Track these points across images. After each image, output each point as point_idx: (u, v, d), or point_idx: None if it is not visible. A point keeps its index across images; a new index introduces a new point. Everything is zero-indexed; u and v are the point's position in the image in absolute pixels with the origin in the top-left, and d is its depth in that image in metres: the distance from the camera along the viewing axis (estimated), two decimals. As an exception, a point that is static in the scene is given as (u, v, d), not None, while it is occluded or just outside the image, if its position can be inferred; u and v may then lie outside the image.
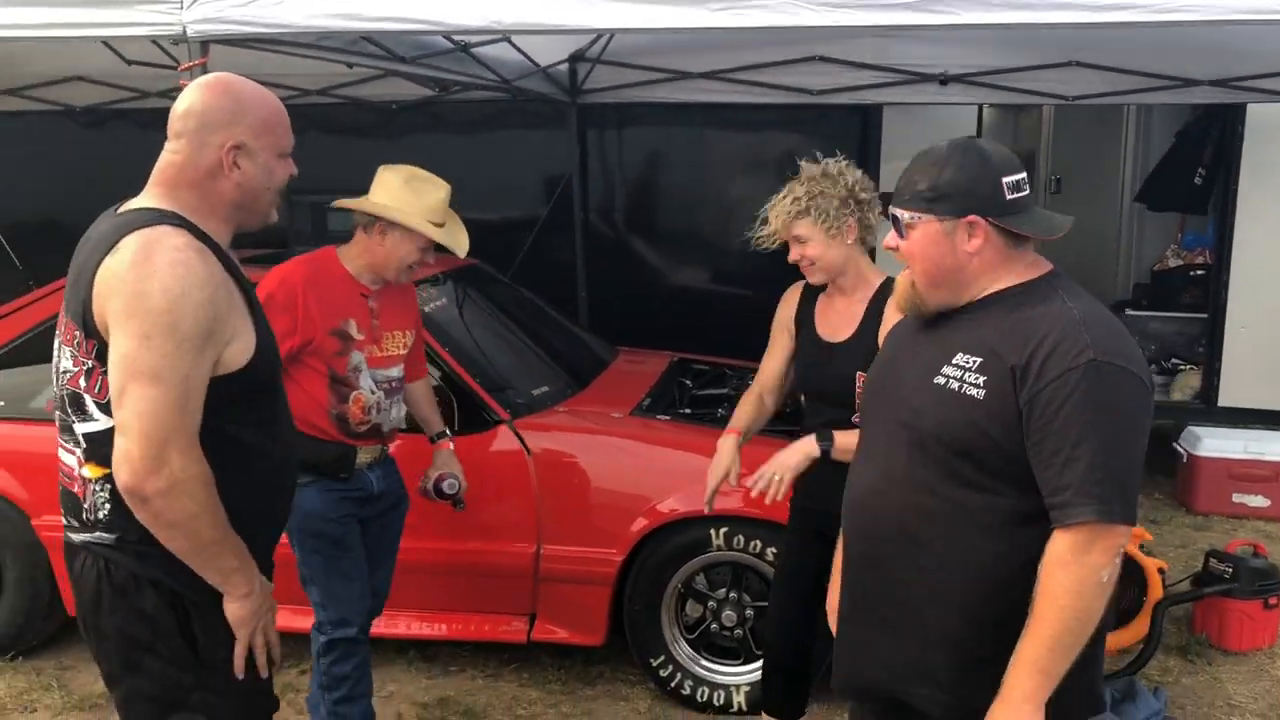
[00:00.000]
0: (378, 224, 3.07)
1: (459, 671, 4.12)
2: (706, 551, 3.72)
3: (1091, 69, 5.65)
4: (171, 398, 1.91)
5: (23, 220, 7.58)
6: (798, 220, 2.91)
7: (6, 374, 4.17)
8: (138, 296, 1.91)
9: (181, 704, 2.08)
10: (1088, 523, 1.78)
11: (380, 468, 3.26)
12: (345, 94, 6.56)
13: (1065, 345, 1.82)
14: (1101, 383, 1.79)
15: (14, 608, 4.08)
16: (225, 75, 2.17)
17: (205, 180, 2.08)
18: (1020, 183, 1.97)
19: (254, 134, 2.10)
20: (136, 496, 1.92)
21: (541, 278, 6.12)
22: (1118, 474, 1.80)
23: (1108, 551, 1.80)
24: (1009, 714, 1.84)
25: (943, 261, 1.96)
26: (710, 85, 6.19)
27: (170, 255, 1.93)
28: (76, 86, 6.84)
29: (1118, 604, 4.10)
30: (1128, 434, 1.81)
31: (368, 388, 3.12)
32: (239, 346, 2.04)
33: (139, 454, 1.89)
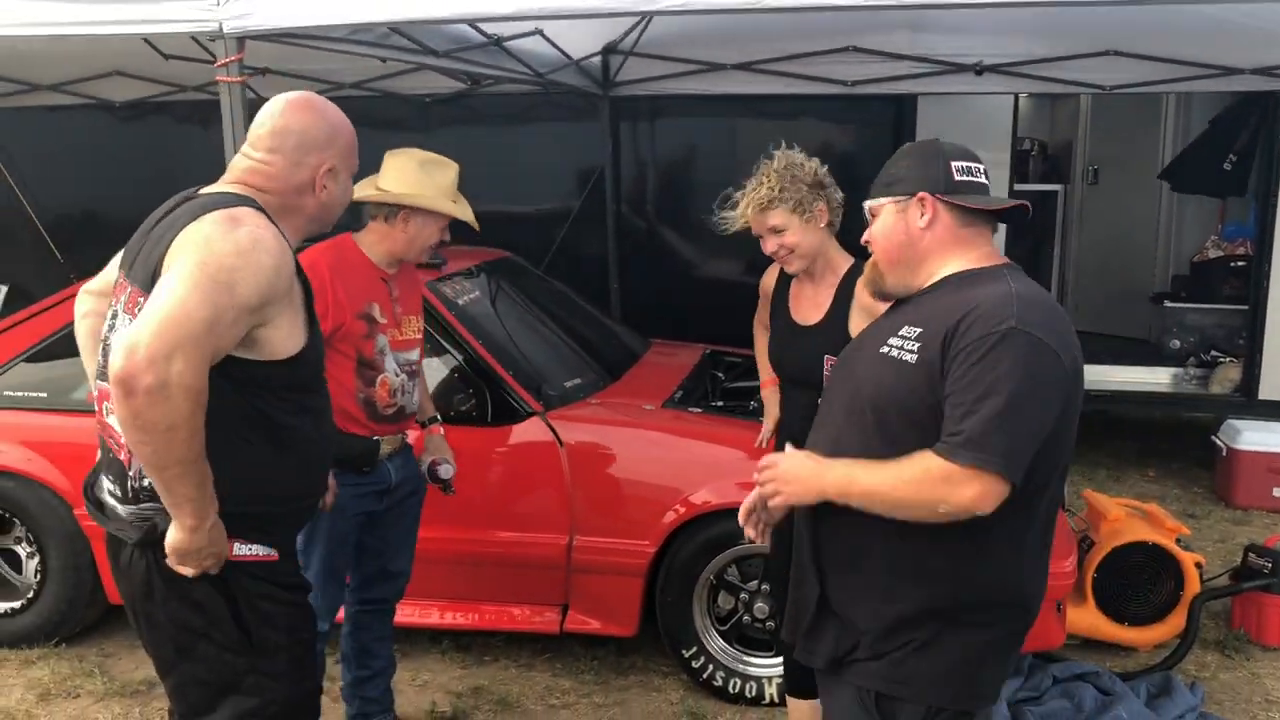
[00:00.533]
0: (401, 212, 3.10)
1: (492, 661, 4.15)
2: (738, 543, 3.72)
3: (1129, 57, 5.59)
4: (203, 313, 1.91)
5: (64, 213, 7.71)
6: (772, 210, 2.96)
7: (49, 366, 4.24)
8: (207, 243, 1.98)
9: (235, 687, 2.13)
10: (968, 466, 1.85)
11: (399, 457, 3.29)
12: (379, 87, 6.61)
13: (991, 313, 1.91)
14: (1013, 348, 1.87)
15: (58, 595, 4.15)
16: (312, 97, 2.27)
17: (292, 194, 2.20)
18: (970, 169, 2.09)
19: (342, 157, 2.25)
20: (125, 385, 1.88)
21: (574, 270, 6.14)
22: (1009, 432, 1.85)
23: (969, 496, 1.86)
24: (802, 469, 2.05)
25: (897, 238, 2.10)
26: (743, 76, 6.18)
27: (250, 228, 2.02)
28: (115, 81, 6.93)
29: (1154, 598, 4.11)
30: (1028, 398, 1.86)
31: (392, 370, 3.15)
32: (284, 334, 2.08)
33: (145, 344, 1.87)
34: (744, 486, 3.52)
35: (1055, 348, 1.90)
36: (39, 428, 4.13)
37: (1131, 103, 6.86)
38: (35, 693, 3.89)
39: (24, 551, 4.27)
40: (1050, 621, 3.63)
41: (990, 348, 1.87)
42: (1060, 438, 1.97)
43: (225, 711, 2.14)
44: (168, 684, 2.20)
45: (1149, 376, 6.65)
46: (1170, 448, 6.99)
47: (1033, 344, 1.88)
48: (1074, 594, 4.04)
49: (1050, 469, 1.99)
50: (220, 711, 2.14)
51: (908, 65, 5.91)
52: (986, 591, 2.01)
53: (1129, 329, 7.45)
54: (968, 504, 1.87)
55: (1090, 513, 4.45)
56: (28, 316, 4.38)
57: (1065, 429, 1.97)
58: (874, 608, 2.05)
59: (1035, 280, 2.11)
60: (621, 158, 7.25)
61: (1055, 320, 1.95)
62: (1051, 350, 1.89)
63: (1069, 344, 1.94)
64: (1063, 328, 1.96)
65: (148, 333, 1.88)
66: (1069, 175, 8.20)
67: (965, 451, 1.86)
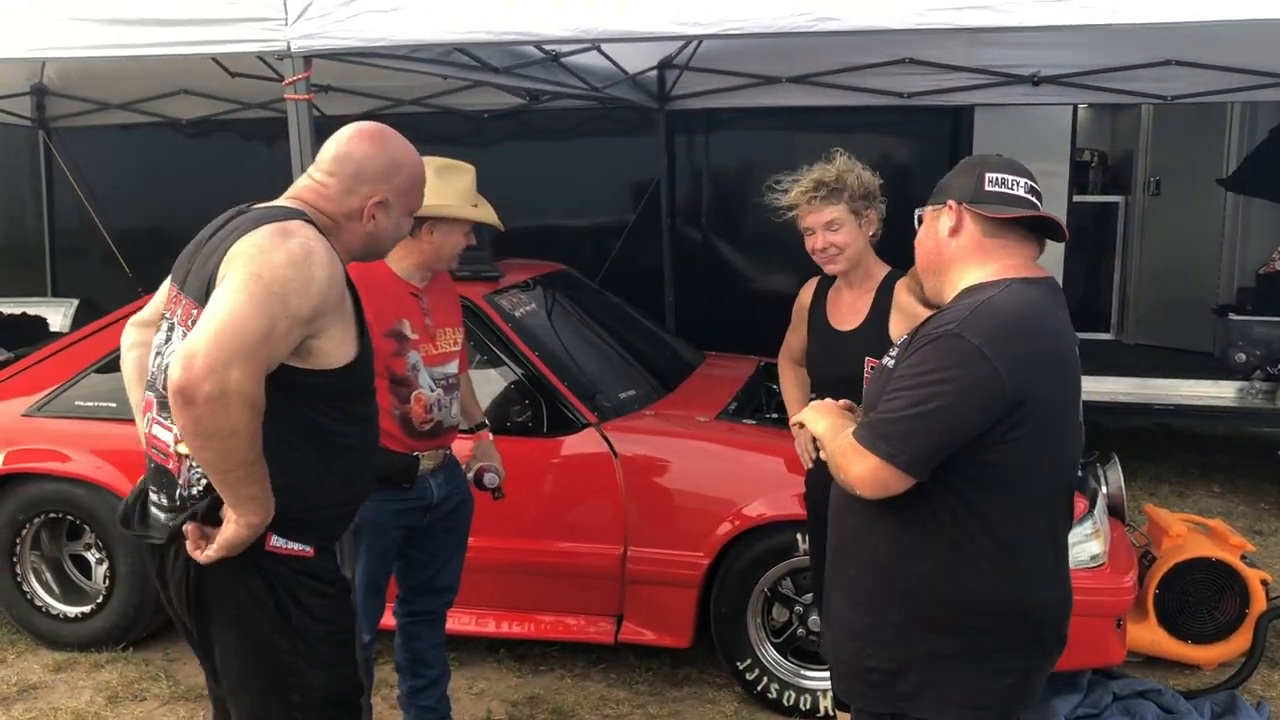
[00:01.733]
0: (425, 224, 3.07)
1: (548, 671, 4.19)
2: (793, 556, 3.73)
3: (1190, 67, 5.52)
4: (259, 323, 1.95)
5: (132, 228, 7.91)
6: (830, 203, 2.99)
7: (119, 377, 4.32)
8: (261, 253, 2.02)
9: (274, 663, 2.17)
10: (861, 445, 1.96)
11: (442, 472, 3.27)
12: (438, 103, 6.72)
13: (944, 318, 1.99)
14: (941, 349, 1.94)
15: (125, 601, 4.26)
16: (384, 128, 2.31)
17: (343, 219, 2.25)
18: (1006, 180, 2.10)
19: (398, 193, 2.28)
20: (185, 396, 1.92)
21: (629, 282, 6.17)
22: (910, 425, 1.92)
23: (855, 474, 1.97)
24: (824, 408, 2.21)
25: (929, 244, 2.15)
26: (798, 89, 6.19)
27: (303, 239, 2.07)
28: (182, 99, 7.11)
29: (1218, 615, 4.03)
30: (941, 398, 1.91)
31: (427, 386, 3.13)
32: (336, 343, 2.12)
33: (203, 353, 1.91)
34: (799, 499, 3.56)
35: (989, 354, 1.90)
36: (108, 436, 4.23)
37: (1195, 112, 6.76)
38: (104, 695, 3.99)
39: (94, 558, 4.40)
40: (1110, 637, 3.59)
41: (922, 347, 1.97)
42: (1032, 448, 1.96)
43: (257, 685, 2.18)
44: (213, 660, 2.24)
45: (1214, 390, 6.52)
46: (1236, 463, 6.85)
47: (962, 348, 1.91)
48: (1135, 610, 3.98)
49: (1036, 481, 2.00)
50: (253, 686, 2.19)
51: (964, 77, 5.88)
52: (969, 601, 2.01)
53: (1193, 342, 7.31)
54: (853, 480, 1.98)
55: (1151, 528, 4.38)
56: (98, 329, 4.50)
57: (1028, 439, 1.95)
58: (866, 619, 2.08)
59: (1097, 293, 2.13)
60: (677, 171, 7.29)
61: (1008, 331, 1.94)
62: (982, 355, 1.90)
63: (1015, 355, 1.93)
64: (1015, 340, 1.94)
65: (205, 342, 1.92)
66: (1130, 186, 8.09)
67: (863, 431, 1.98)
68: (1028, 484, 2.00)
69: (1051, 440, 2.00)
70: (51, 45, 3.77)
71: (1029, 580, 2.05)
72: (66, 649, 4.32)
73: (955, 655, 2.02)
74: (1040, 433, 1.97)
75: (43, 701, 3.97)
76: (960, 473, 1.95)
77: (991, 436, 1.93)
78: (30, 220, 8.41)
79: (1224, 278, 7.43)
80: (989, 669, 2.04)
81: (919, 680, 2.04)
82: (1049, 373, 1.98)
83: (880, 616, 2.07)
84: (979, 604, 2.02)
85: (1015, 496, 2.00)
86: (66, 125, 7.70)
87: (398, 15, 3.40)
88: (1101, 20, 2.97)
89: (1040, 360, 1.97)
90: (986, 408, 1.91)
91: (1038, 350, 1.97)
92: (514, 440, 3.82)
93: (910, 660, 2.04)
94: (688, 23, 3.26)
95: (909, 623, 2.04)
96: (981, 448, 1.94)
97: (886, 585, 2.06)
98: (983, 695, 2.04)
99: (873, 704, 2.09)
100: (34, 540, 4.38)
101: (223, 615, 2.17)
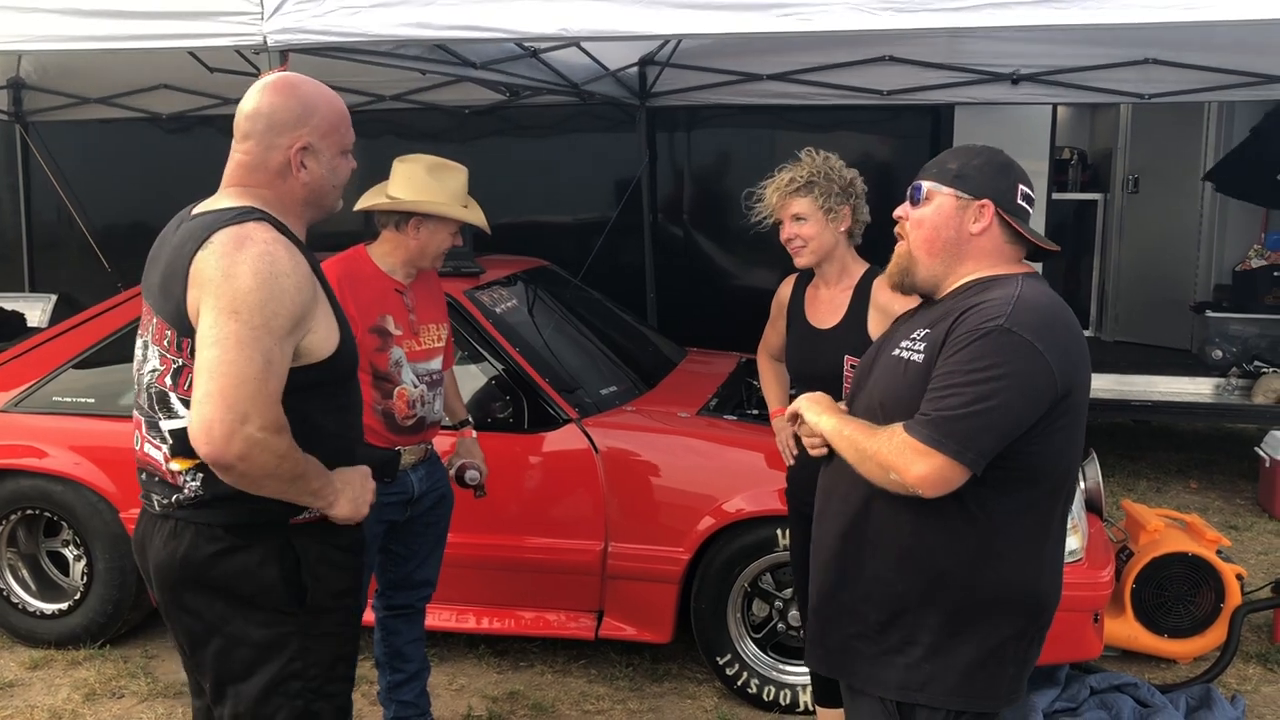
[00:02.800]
0: (411, 219, 3.10)
1: (528, 666, 4.19)
2: (773, 551, 3.74)
3: (1169, 66, 5.55)
4: (255, 368, 1.95)
5: (112, 223, 7.87)
6: (797, 196, 3.01)
7: (96, 372, 4.33)
8: (228, 279, 1.98)
9: (281, 647, 2.15)
10: (923, 443, 1.93)
11: (424, 467, 3.28)
12: (419, 99, 6.70)
13: (985, 313, 1.97)
14: (994, 344, 1.92)
15: (104, 597, 4.23)
16: (290, 75, 2.22)
17: (276, 180, 2.15)
18: (1030, 196, 2.13)
19: (319, 134, 2.16)
20: (219, 465, 1.97)
21: (611, 279, 6.17)
22: (972, 421, 1.91)
23: (918, 473, 1.93)
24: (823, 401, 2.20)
25: (946, 233, 2.10)
26: (779, 87, 6.20)
27: (260, 246, 2.01)
28: (162, 94, 7.09)
29: (1194, 610, 4.07)
30: (999, 393, 1.91)
31: (410, 382, 3.15)
32: (321, 336, 2.10)
33: (219, 421, 1.93)
34: (778, 494, 3.57)
35: (1041, 348, 1.92)
36: (86, 432, 4.21)
37: (1173, 111, 6.82)
38: (81, 692, 3.97)
39: (71, 554, 4.37)
40: (1087, 632, 3.61)
41: (972, 342, 1.94)
42: (1063, 439, 1.99)
43: (264, 675, 2.15)
44: (207, 654, 2.18)
45: (1191, 387, 6.58)
46: (1212, 459, 6.91)
47: (1015, 342, 1.92)
48: (1112, 605, 4.01)
49: (1061, 470, 2.03)
50: (259, 676, 2.15)
51: (944, 74, 5.91)
52: (997, 590, 2.03)
53: (1170, 339, 7.38)
54: (914, 479, 1.94)
55: (1129, 523, 4.42)
56: (75, 324, 4.47)
57: (1064, 430, 1.99)
58: (882, 606, 2.09)
59: (1076, 289, 2.16)
60: (658, 168, 7.30)
61: (1051, 324, 1.97)
62: (1035, 350, 1.92)
63: (1062, 347, 1.96)
64: (1059, 332, 1.98)
65: (214, 408, 1.93)
66: (1109, 184, 8.14)
67: (924, 429, 1.94)
68: (1057, 473, 2.03)
69: (1080, 430, 2.04)
70: (26, 36, 3.75)
71: (1047, 569, 2.08)
72: (43, 646, 4.30)
73: (969, 644, 2.03)
74: (1075, 423, 2.02)
75: (19, 699, 3.95)
76: (998, 464, 1.96)
77: (1037, 429, 1.96)
78: (8, 215, 8.36)
79: (1201, 275, 7.49)
80: (996, 660, 2.04)
81: (932, 668, 2.04)
82: (1084, 364, 2.03)
83: (900, 605, 2.07)
84: (1005, 593, 2.03)
85: (1045, 486, 2.03)
86: (44, 120, 7.65)
87: (374, 10, 3.40)
88: (1079, 21, 3.00)
89: (1079, 352, 2.01)
90: (1040, 402, 1.94)
91: (1076, 342, 2.01)
92: (495, 436, 3.82)
93: (925, 648, 2.04)
94: (666, 21, 3.27)
95: (932, 611, 2.04)
96: (1026, 440, 1.96)
97: (912, 575, 2.05)
98: (986, 685, 2.05)
99: (888, 691, 2.09)
100: (10, 537, 4.35)
101: (223, 604, 2.14)
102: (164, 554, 2.15)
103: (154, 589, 2.23)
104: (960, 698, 2.04)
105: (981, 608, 2.03)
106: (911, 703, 2.06)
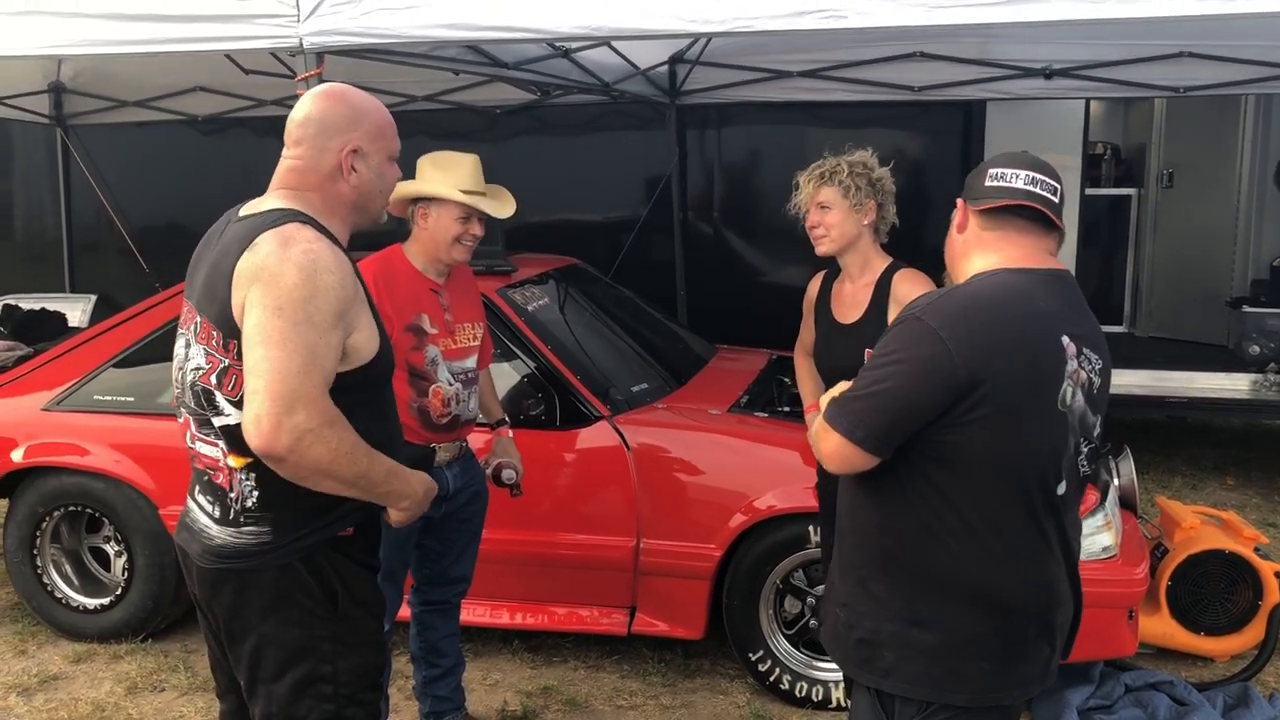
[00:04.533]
0: (419, 208, 3.13)
1: (561, 662, 4.22)
2: (805, 548, 3.74)
3: (1204, 59, 5.50)
4: (299, 362, 1.99)
5: (150, 224, 7.98)
6: (825, 185, 3.09)
7: (136, 371, 4.40)
8: (273, 278, 2.03)
9: (311, 652, 2.18)
10: (826, 421, 2.04)
11: (458, 464, 3.32)
12: (451, 99, 6.75)
13: (912, 306, 2.06)
14: (901, 331, 2.02)
15: (144, 593, 4.30)
16: (339, 85, 2.30)
17: (326, 184, 2.21)
18: (1005, 175, 2.11)
19: (369, 139, 2.22)
20: (271, 459, 2.01)
21: (641, 276, 6.20)
22: (867, 403, 2.00)
23: (824, 450, 2.05)
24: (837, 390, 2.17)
25: (948, 239, 2.22)
26: (810, 84, 6.20)
27: (303, 245, 2.06)
28: (197, 97, 7.17)
29: (1231, 607, 4.04)
30: (896, 377, 1.98)
31: (445, 380, 3.17)
32: (364, 337, 2.14)
33: (266, 414, 1.97)
34: (810, 491, 3.58)
35: (944, 335, 1.94)
36: (126, 430, 4.28)
37: (1208, 105, 6.74)
38: (123, 686, 4.04)
39: (112, 550, 4.45)
40: (1122, 629, 3.59)
41: (889, 331, 2.06)
42: (985, 430, 1.95)
43: (294, 676, 2.18)
44: (241, 652, 2.22)
45: (1227, 383, 6.50)
46: (1249, 456, 6.84)
47: (920, 329, 1.98)
48: (1148, 602, 3.99)
49: (1000, 465, 1.98)
50: (289, 676, 2.18)
51: (976, 70, 5.88)
52: (943, 577, 2.03)
53: (1206, 335, 7.30)
54: (822, 456, 2.08)
55: (1164, 520, 4.38)
56: (115, 324, 4.54)
57: (983, 421, 1.94)
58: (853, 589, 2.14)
59: (1109, 285, 2.14)
60: (688, 166, 7.31)
61: (969, 314, 1.97)
62: (937, 336, 1.94)
63: (971, 336, 1.94)
64: (974, 321, 1.96)
65: (261, 402, 1.97)
66: (1143, 179, 8.06)
67: (830, 409, 2.06)
68: (992, 468, 1.98)
69: (1013, 425, 1.97)
70: (66, 42, 3.81)
71: (1001, 565, 2.03)
72: (86, 640, 4.37)
73: (929, 633, 2.05)
74: (1001, 416, 1.95)
75: (63, 692, 4.02)
76: (922, 452, 2.00)
77: (949, 417, 1.96)
78: (49, 217, 8.49)
79: (1238, 270, 7.40)
80: (961, 652, 2.04)
81: (894, 656, 2.06)
82: (1010, 356, 1.96)
83: (863, 587, 2.12)
84: (948, 582, 2.03)
85: (981, 479, 1.99)
86: (84, 123, 7.77)
87: (409, 12, 3.43)
88: (1116, 15, 2.99)
89: (1000, 343, 1.96)
90: (939, 387, 1.95)
91: (998, 333, 1.96)
92: (527, 433, 3.84)
93: (887, 634, 2.07)
94: (697, 20, 3.28)
95: (888, 594, 2.08)
96: (941, 428, 1.97)
97: (870, 556, 2.11)
98: (952, 678, 2.04)
99: (860, 676, 2.13)
100: (54, 533, 4.43)
101: (262, 603, 2.17)
102: (211, 550, 2.19)
103: (193, 584, 2.27)
104: (926, 687, 2.05)
105: (934, 595, 2.03)
106: (883, 690, 2.08)
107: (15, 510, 4.40)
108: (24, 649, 4.37)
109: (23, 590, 4.45)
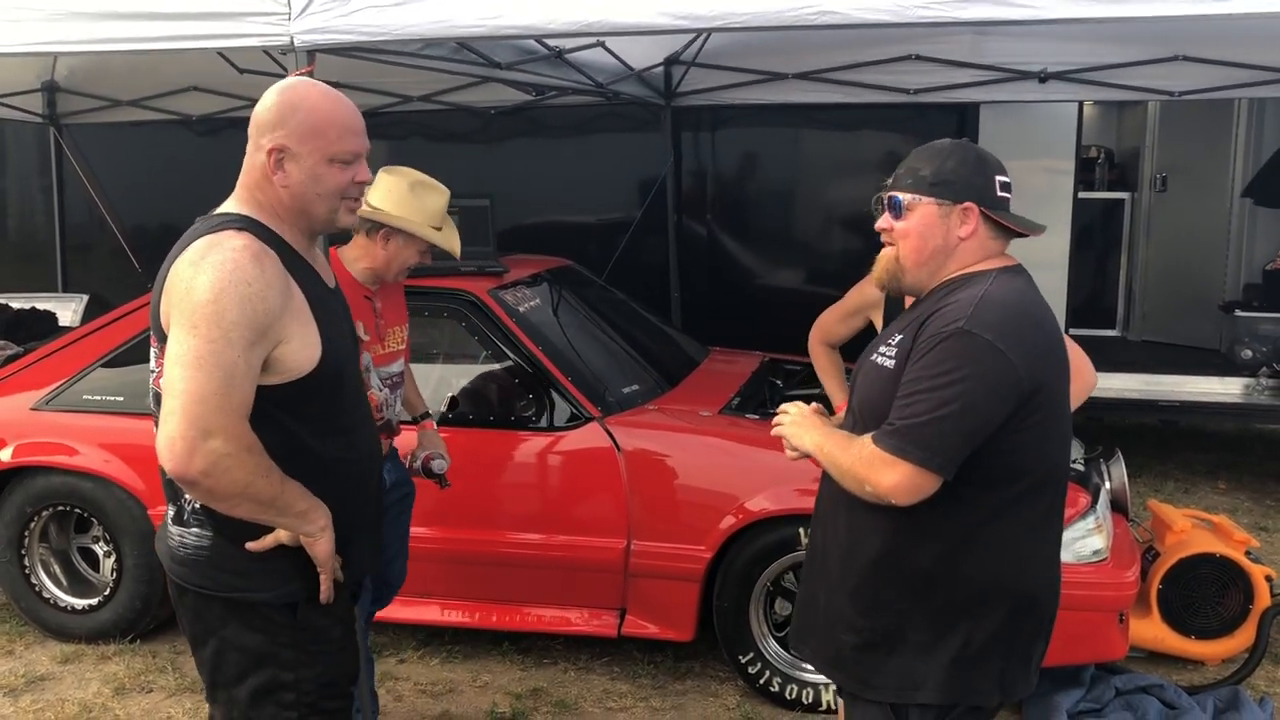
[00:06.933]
0: (381, 230, 3.10)
1: (551, 664, 4.20)
2: (795, 550, 3.73)
3: (1198, 63, 5.50)
4: (215, 384, 1.93)
5: (142, 224, 7.96)
6: None
7: (125, 371, 4.38)
8: (187, 292, 1.97)
9: (273, 658, 2.16)
10: (890, 453, 1.95)
11: (389, 462, 3.29)
12: (446, 100, 6.73)
13: (947, 316, 1.98)
14: (956, 347, 1.94)
15: (132, 593, 4.28)
16: (291, 80, 2.20)
17: (263, 183, 2.12)
18: (1008, 185, 2.12)
19: (298, 138, 2.08)
20: (184, 480, 1.96)
21: (634, 278, 6.19)
22: (936, 427, 1.92)
23: (888, 483, 1.95)
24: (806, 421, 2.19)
25: (934, 241, 2.09)
26: (804, 86, 6.20)
27: (222, 254, 1.98)
28: (192, 96, 7.15)
29: (1221, 611, 4.03)
30: (962, 396, 1.92)
31: (376, 386, 3.17)
32: (295, 348, 2.05)
33: (180, 437, 1.92)
34: (801, 493, 3.57)
35: (1002, 347, 1.92)
36: (115, 430, 4.26)
37: (1202, 109, 6.74)
38: (111, 687, 4.02)
39: (101, 550, 4.43)
40: (1112, 632, 3.59)
41: (934, 347, 1.96)
42: (1038, 435, 1.99)
43: (254, 682, 2.15)
44: (203, 655, 2.21)
45: (1220, 387, 6.51)
46: (1241, 460, 6.84)
47: (976, 344, 1.93)
48: (1138, 605, 3.99)
49: (1041, 467, 2.03)
50: (249, 682, 2.15)
51: (970, 73, 5.88)
52: (978, 588, 2.04)
53: (1199, 339, 7.30)
54: (886, 490, 1.96)
55: (1155, 523, 4.38)
56: (105, 323, 4.52)
57: (1037, 426, 1.98)
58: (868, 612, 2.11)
59: (1101, 289, 2.15)
60: (683, 167, 7.30)
61: (1014, 320, 1.97)
62: (996, 349, 1.92)
63: (1026, 343, 1.96)
64: (1024, 328, 1.97)
65: (176, 424, 1.92)
66: (1136, 183, 8.07)
67: (889, 439, 1.96)
68: (1036, 471, 2.03)
69: (1058, 426, 2.03)
70: (58, 40, 3.79)
71: (1032, 565, 2.08)
72: (74, 641, 4.36)
73: (954, 642, 2.05)
74: (1050, 420, 2.00)
75: (50, 693, 4.00)
76: (972, 464, 1.97)
77: (1008, 427, 1.95)
78: (41, 216, 8.47)
79: (1230, 274, 7.41)
80: (981, 655, 2.06)
81: (920, 669, 2.06)
82: (1054, 360, 2.02)
83: (886, 609, 2.08)
84: (986, 590, 2.04)
85: (1024, 483, 2.03)
86: (77, 122, 7.75)
87: (397, 9, 3.42)
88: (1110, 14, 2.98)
89: (1047, 348, 2.00)
90: (1006, 400, 1.94)
91: (1043, 338, 2.00)
92: (518, 434, 3.84)
93: (913, 650, 2.06)
94: (687, 16, 3.27)
95: (916, 614, 2.06)
96: (997, 439, 1.96)
97: (894, 578, 2.07)
98: (975, 681, 2.06)
99: (882, 695, 2.10)
100: (42, 533, 4.41)
101: (223, 609, 2.16)
102: (170, 552, 2.19)
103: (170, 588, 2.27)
104: (949, 693, 2.05)
105: (964, 605, 2.04)
106: (904, 703, 2.08)
107: (3, 510, 4.38)
108: (11, 649, 4.35)
109: (10, 590, 4.43)
